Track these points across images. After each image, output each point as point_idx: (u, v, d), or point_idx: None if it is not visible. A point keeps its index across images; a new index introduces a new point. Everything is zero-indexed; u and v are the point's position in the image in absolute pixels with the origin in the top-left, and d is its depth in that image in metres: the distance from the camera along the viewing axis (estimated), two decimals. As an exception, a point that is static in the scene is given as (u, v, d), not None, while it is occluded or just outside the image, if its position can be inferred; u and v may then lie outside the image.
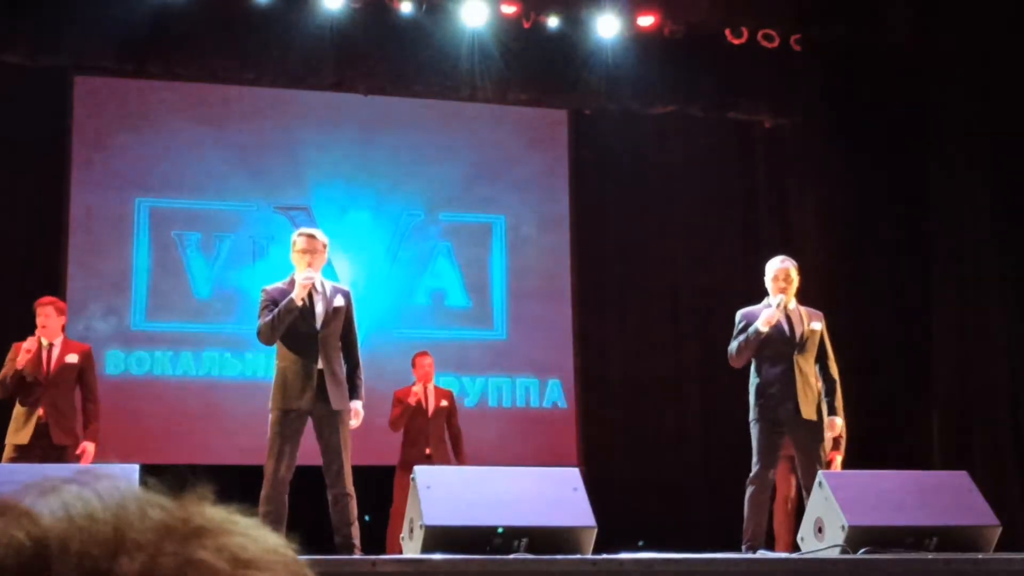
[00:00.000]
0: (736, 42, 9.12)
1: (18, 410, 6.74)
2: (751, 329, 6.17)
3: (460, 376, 9.21)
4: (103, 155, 8.98)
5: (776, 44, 9.18)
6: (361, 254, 9.27)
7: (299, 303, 5.64)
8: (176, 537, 0.56)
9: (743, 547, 6.01)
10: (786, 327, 6.22)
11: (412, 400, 7.99)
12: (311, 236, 5.81)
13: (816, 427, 6.15)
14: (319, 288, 5.77)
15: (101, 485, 0.57)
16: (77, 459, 6.70)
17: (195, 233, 9.12)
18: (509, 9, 8.82)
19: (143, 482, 0.60)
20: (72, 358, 6.87)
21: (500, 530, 4.69)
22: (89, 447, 6.78)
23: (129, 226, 8.99)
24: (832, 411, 6.23)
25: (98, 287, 8.81)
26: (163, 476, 0.62)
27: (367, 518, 7.77)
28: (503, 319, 9.60)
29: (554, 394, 9.57)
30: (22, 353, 6.69)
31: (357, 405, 5.76)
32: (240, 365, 8.92)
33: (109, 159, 8.99)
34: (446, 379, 8.67)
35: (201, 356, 8.95)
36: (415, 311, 9.42)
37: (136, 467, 4.46)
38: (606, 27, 8.92)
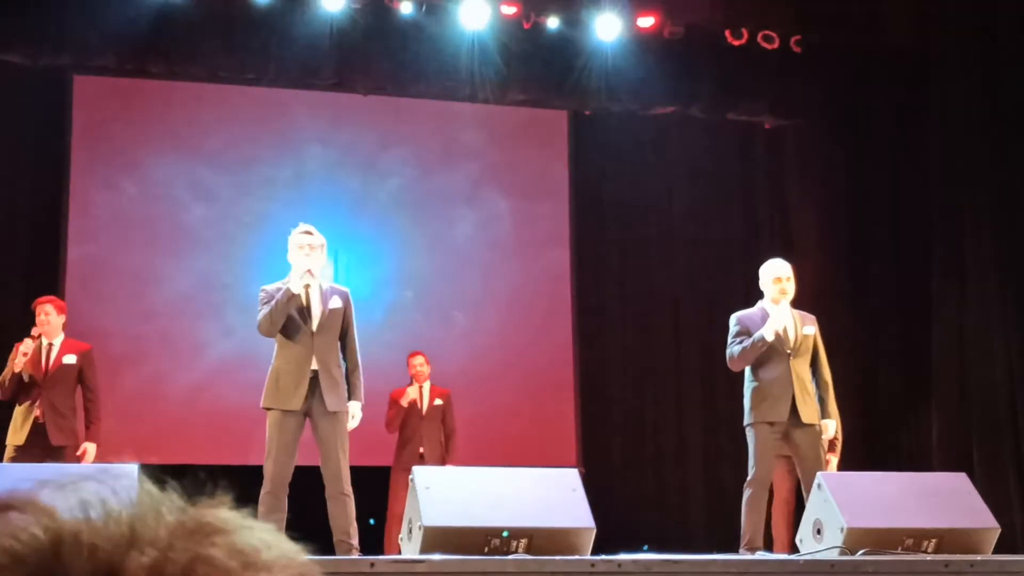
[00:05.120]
0: (736, 43, 9.12)
1: (16, 410, 6.71)
2: (756, 336, 6.17)
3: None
4: (103, 155, 8.98)
5: (776, 45, 9.18)
6: (362, 254, 9.27)
7: (297, 291, 5.64)
8: (189, 535, 0.56)
9: (740, 549, 6.02)
10: (782, 332, 6.23)
11: (404, 402, 8.00)
12: (308, 232, 5.80)
13: (815, 431, 6.17)
14: (316, 288, 5.76)
15: (119, 484, 0.58)
16: (77, 460, 6.63)
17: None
18: (509, 10, 8.83)
19: (161, 483, 0.60)
20: (70, 358, 6.80)
21: (505, 533, 4.68)
22: (90, 447, 6.72)
23: (128, 225, 9.00)
24: (826, 414, 6.24)
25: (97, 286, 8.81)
26: (174, 477, 0.62)
27: (371, 521, 7.76)
28: (502, 320, 9.58)
29: (555, 395, 9.57)
30: (19, 356, 6.65)
31: (355, 406, 5.75)
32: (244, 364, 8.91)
33: (109, 159, 8.99)
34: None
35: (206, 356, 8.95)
36: (415, 310, 9.42)
37: (135, 467, 4.45)
38: (606, 28, 8.93)
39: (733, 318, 6.37)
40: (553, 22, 8.95)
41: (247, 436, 8.05)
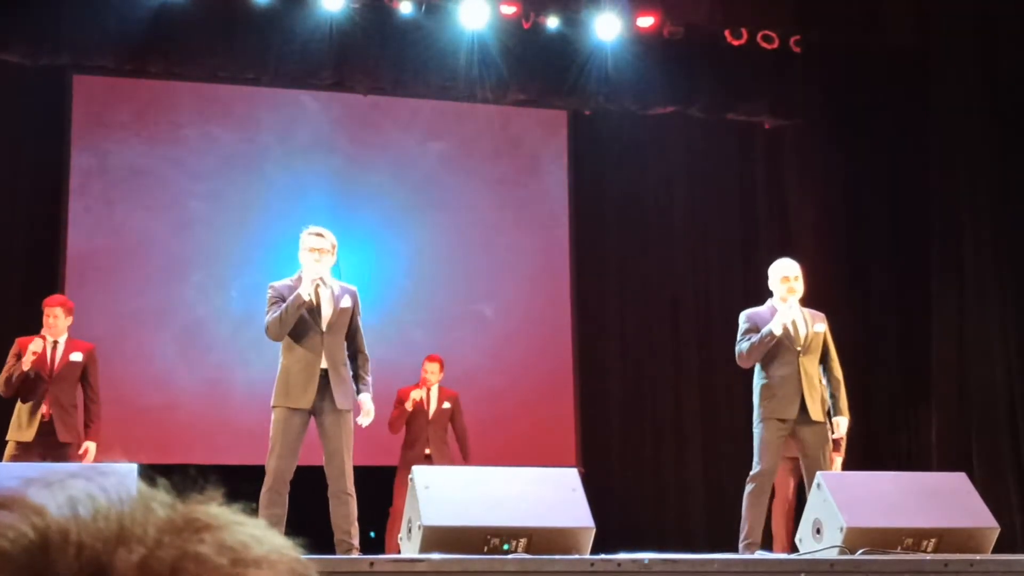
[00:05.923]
0: (736, 43, 9.12)
1: (21, 407, 6.77)
2: (765, 331, 6.18)
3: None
4: (102, 155, 8.98)
5: (776, 45, 9.19)
6: (361, 253, 9.26)
7: (307, 298, 5.63)
8: (177, 531, 0.56)
9: (740, 546, 6.02)
10: (792, 329, 6.24)
11: (408, 404, 7.99)
12: (319, 235, 5.77)
13: (823, 428, 6.18)
14: (327, 288, 5.76)
15: (108, 482, 0.58)
16: (80, 459, 6.73)
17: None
18: (509, 10, 8.83)
19: (152, 480, 0.60)
20: (76, 356, 6.90)
21: (507, 546, 4.68)
22: (91, 447, 6.82)
23: (128, 225, 8.99)
24: (837, 411, 6.25)
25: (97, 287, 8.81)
26: (168, 475, 0.62)
27: (372, 535, 7.75)
28: (502, 320, 9.58)
29: (555, 395, 9.57)
30: (28, 355, 6.70)
31: (367, 399, 5.76)
32: (244, 364, 8.92)
33: (108, 158, 8.99)
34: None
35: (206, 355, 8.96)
36: (417, 312, 9.41)
37: (134, 466, 4.45)
38: (606, 28, 8.93)
39: (743, 315, 6.38)
40: (553, 22, 8.95)
41: (244, 435, 8.05)
